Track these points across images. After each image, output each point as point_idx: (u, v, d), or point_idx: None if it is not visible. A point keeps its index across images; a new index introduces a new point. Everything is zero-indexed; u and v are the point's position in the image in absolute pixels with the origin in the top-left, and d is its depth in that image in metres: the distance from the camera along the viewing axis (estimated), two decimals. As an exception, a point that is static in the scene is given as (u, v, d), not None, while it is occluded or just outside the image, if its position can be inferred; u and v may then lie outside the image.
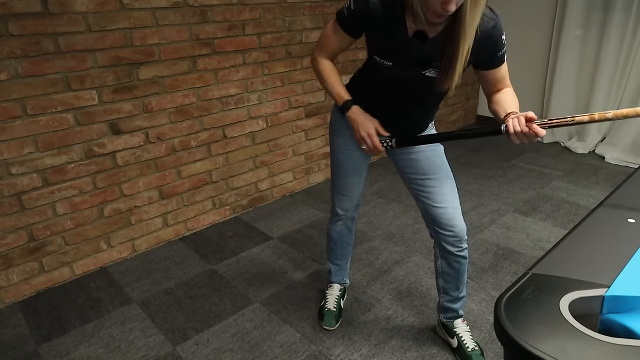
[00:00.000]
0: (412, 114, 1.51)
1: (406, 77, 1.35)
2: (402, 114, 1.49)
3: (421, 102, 1.47)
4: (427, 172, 1.54)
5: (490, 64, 1.35)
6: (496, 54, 1.32)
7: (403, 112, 1.49)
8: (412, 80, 1.36)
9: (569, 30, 3.73)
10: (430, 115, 1.57)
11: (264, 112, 2.86)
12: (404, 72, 1.34)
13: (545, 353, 0.65)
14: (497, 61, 1.34)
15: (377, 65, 1.37)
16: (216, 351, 1.82)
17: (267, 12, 2.67)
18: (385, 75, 1.38)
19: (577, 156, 3.79)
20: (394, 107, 1.47)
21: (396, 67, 1.34)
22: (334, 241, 1.90)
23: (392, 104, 1.46)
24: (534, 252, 2.41)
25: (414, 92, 1.41)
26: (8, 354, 1.84)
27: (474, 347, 1.69)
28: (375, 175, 3.48)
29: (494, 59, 1.33)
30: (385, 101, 1.46)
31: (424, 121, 1.56)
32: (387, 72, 1.36)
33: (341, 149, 1.64)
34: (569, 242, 0.96)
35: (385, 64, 1.34)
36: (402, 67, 1.33)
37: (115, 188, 2.33)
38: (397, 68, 1.34)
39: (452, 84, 1.28)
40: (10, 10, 1.83)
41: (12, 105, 1.92)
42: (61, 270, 2.26)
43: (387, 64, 1.34)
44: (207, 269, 2.37)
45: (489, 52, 1.31)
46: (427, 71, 1.32)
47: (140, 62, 2.24)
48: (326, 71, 1.48)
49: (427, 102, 1.50)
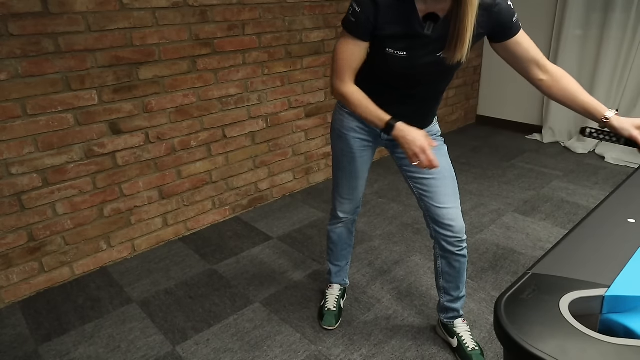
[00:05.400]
0: (425, 103, 1.49)
1: (422, 63, 1.32)
2: (416, 105, 1.47)
3: (435, 88, 1.45)
4: (431, 172, 1.52)
5: (508, 32, 1.32)
6: (510, 20, 1.30)
7: (417, 103, 1.46)
8: (428, 66, 1.33)
9: (569, 30, 3.73)
10: (439, 104, 1.56)
11: (264, 112, 2.86)
12: (420, 59, 1.32)
13: (545, 353, 0.65)
14: (514, 27, 1.31)
15: (390, 58, 1.32)
16: (216, 351, 1.82)
17: (267, 12, 2.67)
18: (398, 66, 1.34)
19: (577, 156, 3.79)
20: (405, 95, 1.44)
21: (411, 55, 1.31)
22: (334, 243, 1.90)
23: (403, 92, 1.43)
24: (534, 252, 2.41)
25: (429, 78, 1.39)
26: (8, 354, 1.84)
27: (474, 347, 1.69)
28: (375, 175, 3.48)
29: (508, 25, 1.30)
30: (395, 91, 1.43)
31: (434, 110, 1.55)
32: (401, 62, 1.32)
33: (344, 152, 1.62)
34: (569, 242, 0.96)
35: (399, 54, 1.31)
36: (418, 54, 1.31)
37: (115, 188, 2.33)
38: (412, 56, 1.31)
39: (463, 55, 1.26)
40: (10, 10, 1.83)
41: (12, 105, 1.92)
42: (61, 270, 2.26)
43: (402, 54, 1.31)
44: (207, 269, 2.37)
45: (501, 20, 1.29)
46: (442, 53, 1.30)
47: (140, 62, 2.24)
48: (354, 97, 1.37)
49: (440, 88, 1.48)
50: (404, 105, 1.45)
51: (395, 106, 1.43)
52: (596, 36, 3.67)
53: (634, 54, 3.50)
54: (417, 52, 1.31)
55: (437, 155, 1.49)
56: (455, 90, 4.36)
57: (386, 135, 1.47)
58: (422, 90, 1.43)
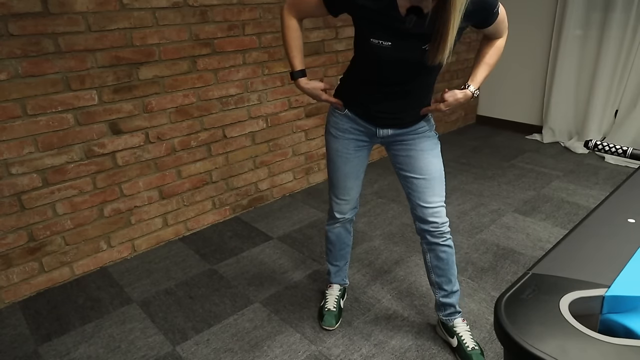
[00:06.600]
0: (412, 93, 1.50)
1: (407, 55, 1.34)
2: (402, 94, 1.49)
3: (420, 78, 1.47)
4: (422, 173, 1.57)
5: (486, 23, 1.39)
6: (491, 13, 1.35)
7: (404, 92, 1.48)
8: (413, 57, 1.35)
9: (569, 30, 3.73)
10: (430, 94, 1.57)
11: (264, 112, 2.86)
12: (404, 51, 1.33)
13: (545, 353, 0.65)
14: (492, 18, 1.38)
15: (375, 48, 1.35)
16: (216, 351, 1.82)
17: (267, 12, 2.67)
18: (384, 57, 1.36)
19: (577, 156, 3.79)
20: (396, 89, 1.47)
21: (396, 46, 1.33)
22: (333, 243, 1.90)
23: (392, 86, 1.46)
24: (534, 252, 2.41)
25: (414, 69, 1.40)
26: (8, 354, 1.84)
27: (474, 347, 1.70)
28: (375, 175, 3.48)
29: (489, 17, 1.37)
30: (385, 86, 1.46)
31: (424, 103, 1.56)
32: (387, 52, 1.34)
33: (339, 152, 1.64)
34: (569, 242, 0.96)
35: (384, 44, 1.33)
36: (402, 45, 1.32)
37: (115, 188, 2.33)
38: (396, 47, 1.33)
39: (444, 57, 1.29)
40: (10, 10, 1.83)
41: (12, 105, 1.92)
42: (61, 270, 2.26)
43: (387, 44, 1.33)
44: (207, 269, 2.37)
45: (485, 14, 1.35)
46: (427, 45, 1.32)
47: (140, 62, 2.24)
48: (291, 33, 1.50)
49: (428, 78, 1.50)
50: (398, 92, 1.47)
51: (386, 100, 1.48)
52: (596, 36, 3.67)
53: (634, 54, 3.50)
54: (401, 43, 1.32)
55: (429, 156, 1.57)
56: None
57: (381, 132, 1.56)
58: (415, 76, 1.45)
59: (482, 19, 1.36)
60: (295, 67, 1.54)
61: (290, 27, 1.49)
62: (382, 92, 1.48)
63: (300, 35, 1.52)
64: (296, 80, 1.56)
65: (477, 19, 1.34)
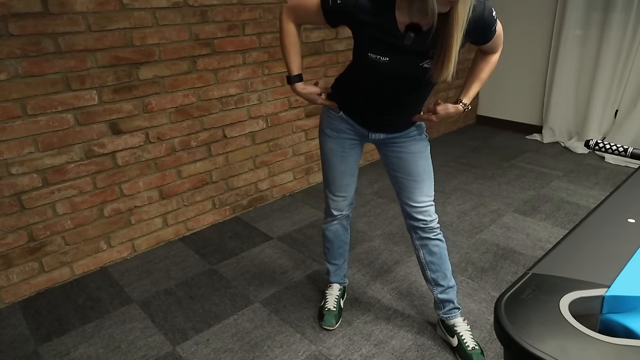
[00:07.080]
0: (407, 104, 1.53)
1: (404, 70, 1.36)
2: (398, 106, 1.52)
3: (417, 92, 1.50)
4: (412, 174, 1.61)
5: (485, 40, 1.41)
6: (490, 31, 1.37)
7: (399, 104, 1.52)
8: (409, 73, 1.37)
9: (569, 30, 3.73)
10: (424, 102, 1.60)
11: (264, 112, 2.86)
12: (401, 66, 1.35)
13: (545, 353, 0.65)
14: (491, 35, 1.39)
15: (372, 62, 1.36)
16: (216, 351, 1.82)
17: (267, 12, 2.67)
18: (381, 71, 1.38)
19: (577, 156, 3.79)
20: (391, 100, 1.49)
21: (393, 61, 1.34)
22: (331, 241, 1.91)
23: (388, 98, 1.48)
24: (534, 252, 2.41)
25: (411, 83, 1.43)
26: (8, 354, 1.84)
27: (474, 347, 1.70)
28: (375, 175, 3.48)
29: (488, 35, 1.39)
30: (381, 97, 1.48)
31: (419, 107, 1.59)
32: (384, 67, 1.36)
33: (334, 151, 1.68)
34: (569, 242, 0.96)
35: (381, 59, 1.34)
36: (400, 61, 1.34)
37: (115, 188, 2.33)
38: (394, 62, 1.34)
39: (449, 74, 1.30)
40: (10, 10, 1.83)
41: (12, 105, 1.92)
42: (61, 270, 2.26)
43: (384, 60, 1.34)
44: (207, 269, 2.37)
45: (483, 33, 1.37)
46: (425, 62, 1.33)
47: (140, 62, 2.24)
48: (289, 38, 1.50)
49: (424, 91, 1.53)
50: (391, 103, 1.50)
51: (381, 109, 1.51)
52: (596, 36, 3.67)
53: (634, 54, 3.50)
54: (399, 59, 1.34)
55: (419, 158, 1.62)
56: (455, 90, 4.36)
57: (373, 136, 1.61)
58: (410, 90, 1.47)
59: (480, 36, 1.38)
60: (292, 71, 1.55)
61: (288, 32, 1.50)
62: (377, 102, 1.51)
63: (298, 40, 1.53)
64: (293, 85, 1.58)
65: (476, 36, 1.36)
